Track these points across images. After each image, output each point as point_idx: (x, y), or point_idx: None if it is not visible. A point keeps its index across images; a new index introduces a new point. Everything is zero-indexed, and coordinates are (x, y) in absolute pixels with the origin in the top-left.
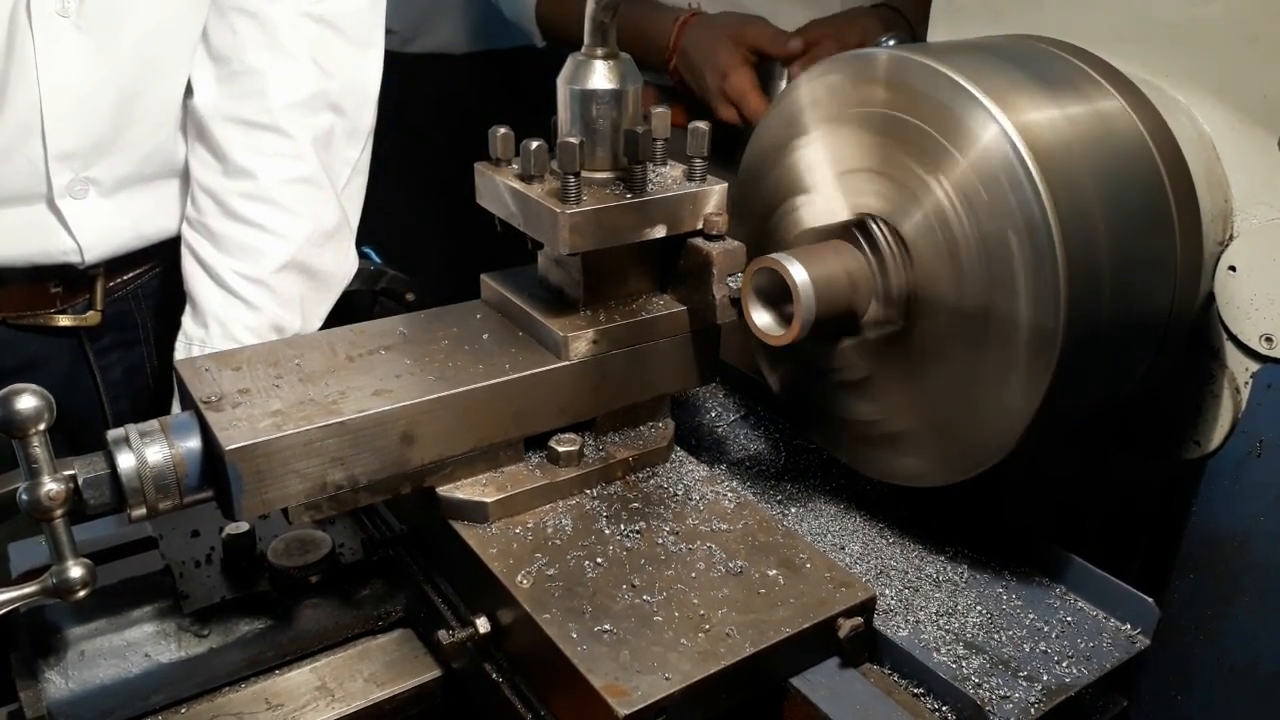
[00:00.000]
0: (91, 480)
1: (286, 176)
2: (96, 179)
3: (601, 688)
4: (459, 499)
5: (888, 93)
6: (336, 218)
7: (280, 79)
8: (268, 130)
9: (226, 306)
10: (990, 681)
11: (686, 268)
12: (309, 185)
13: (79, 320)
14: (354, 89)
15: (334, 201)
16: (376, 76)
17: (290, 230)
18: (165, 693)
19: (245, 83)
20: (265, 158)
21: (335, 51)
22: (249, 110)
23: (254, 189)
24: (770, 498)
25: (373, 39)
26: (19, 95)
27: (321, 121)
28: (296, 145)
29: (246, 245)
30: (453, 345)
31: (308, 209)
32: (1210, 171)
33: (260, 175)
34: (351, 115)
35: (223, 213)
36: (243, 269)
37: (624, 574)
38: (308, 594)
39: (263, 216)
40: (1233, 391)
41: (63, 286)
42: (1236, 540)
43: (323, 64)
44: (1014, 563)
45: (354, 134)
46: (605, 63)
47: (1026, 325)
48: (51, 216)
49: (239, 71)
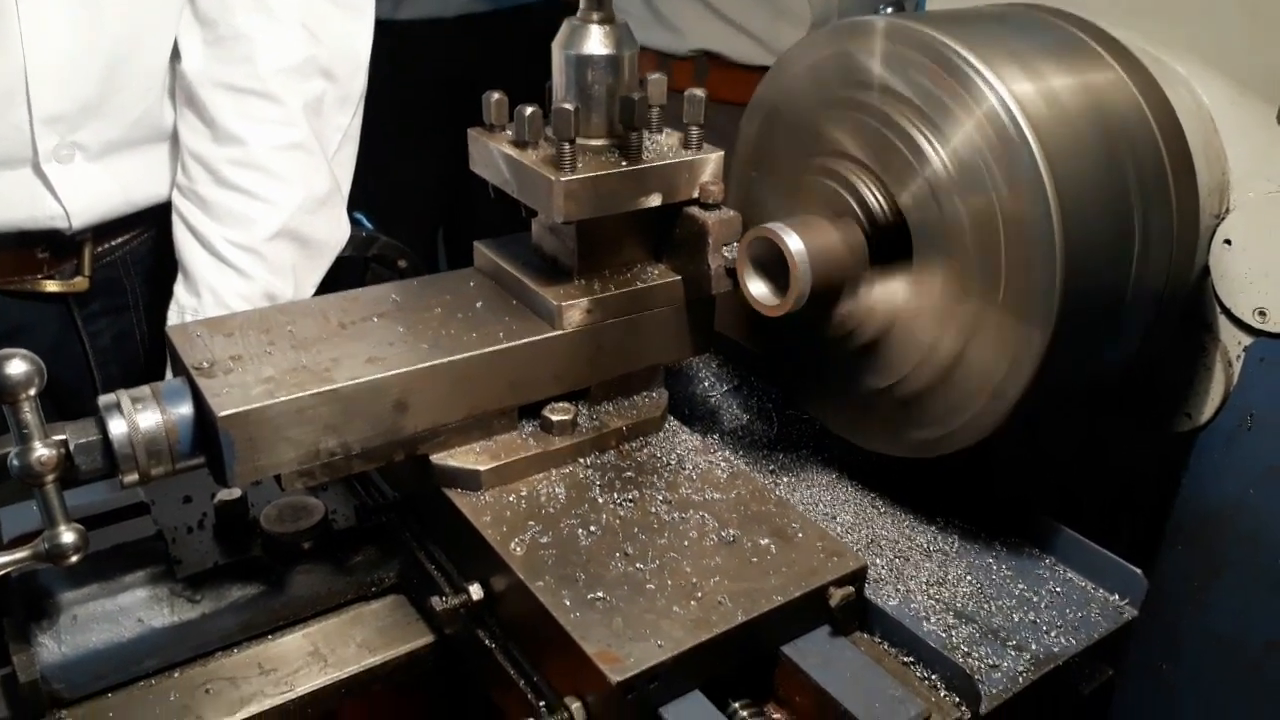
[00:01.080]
0: (83, 446)
1: (277, 143)
2: (83, 143)
3: (594, 654)
4: (452, 466)
5: (885, 61)
6: (328, 184)
7: (269, 44)
8: (257, 96)
9: (219, 274)
10: (979, 650)
11: (682, 237)
12: (300, 151)
13: (67, 286)
14: (345, 54)
15: (325, 168)
16: (367, 42)
17: (282, 197)
18: (158, 657)
19: (234, 48)
20: (255, 123)
21: (325, 16)
22: (238, 76)
23: (244, 155)
24: (763, 468)
25: (363, 3)
26: (3, 59)
27: (312, 87)
28: (287, 111)
29: (238, 213)
30: (446, 313)
31: (299, 176)
32: (1208, 144)
33: (250, 141)
34: (342, 81)
35: (213, 180)
36: (234, 237)
37: (617, 542)
38: (300, 560)
39: (254, 183)
40: (1225, 365)
41: (50, 252)
42: (1226, 512)
43: (312, 29)
44: (1004, 534)
45: (345, 100)
46: (601, 28)
47: (1022, 295)
48: (38, 181)
49: (227, 36)
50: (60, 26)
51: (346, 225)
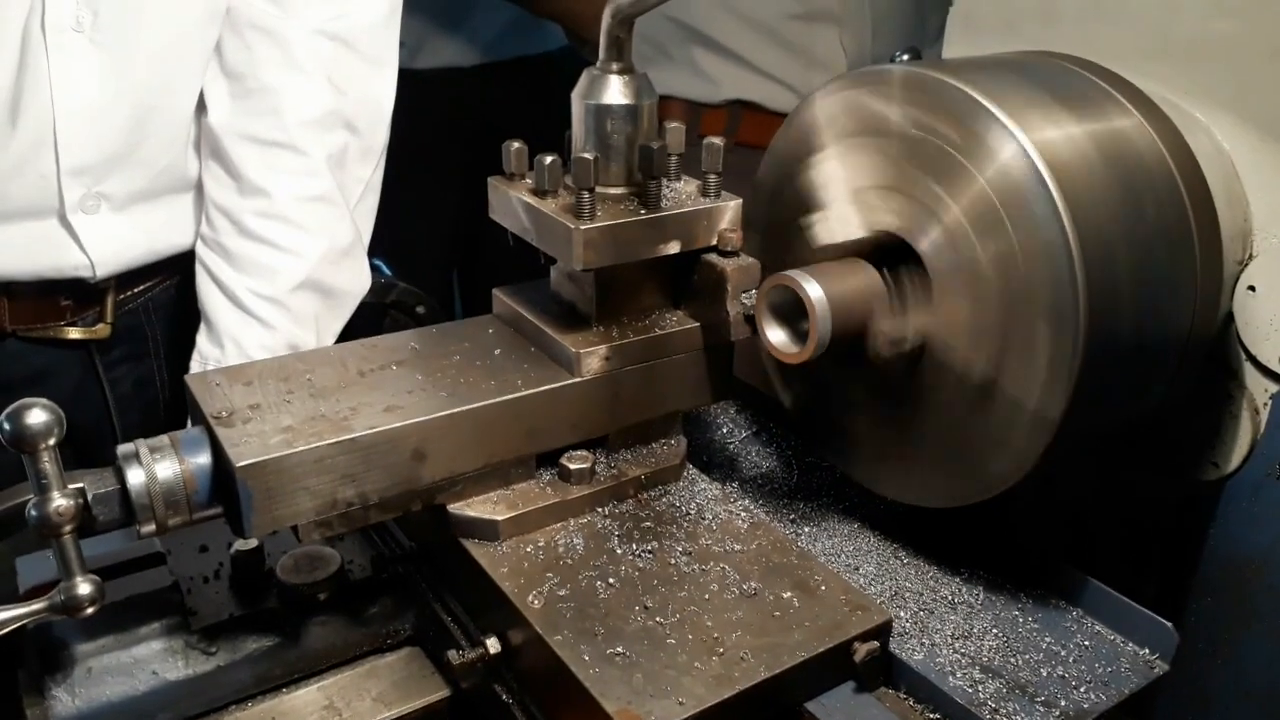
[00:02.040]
0: (101, 496)
1: (301, 194)
2: (109, 194)
3: (614, 712)
4: (470, 517)
5: (904, 109)
6: (350, 235)
7: (295, 97)
8: (282, 148)
9: (242, 325)
10: (1007, 706)
11: (700, 284)
12: (324, 203)
13: (89, 333)
14: (368, 106)
15: (348, 219)
16: (390, 94)
17: (306, 248)
18: (172, 711)
19: (260, 100)
20: (280, 175)
21: (350, 69)
22: (263, 128)
23: (269, 207)
24: (783, 517)
25: (387, 56)
26: (32, 110)
27: (336, 139)
28: (311, 163)
29: (262, 264)
30: (464, 361)
31: (322, 227)
32: (1229, 189)
33: (275, 193)
34: (365, 133)
35: (238, 231)
36: (258, 288)
37: (636, 595)
38: (316, 611)
39: (278, 235)
40: (1251, 413)
41: (73, 300)
42: (1255, 563)
43: (337, 82)
44: (1030, 585)
45: (368, 152)
46: (620, 78)
47: (1045, 344)
48: (63, 231)
49: (254, 89)
50: (91, 79)
51: (368, 275)
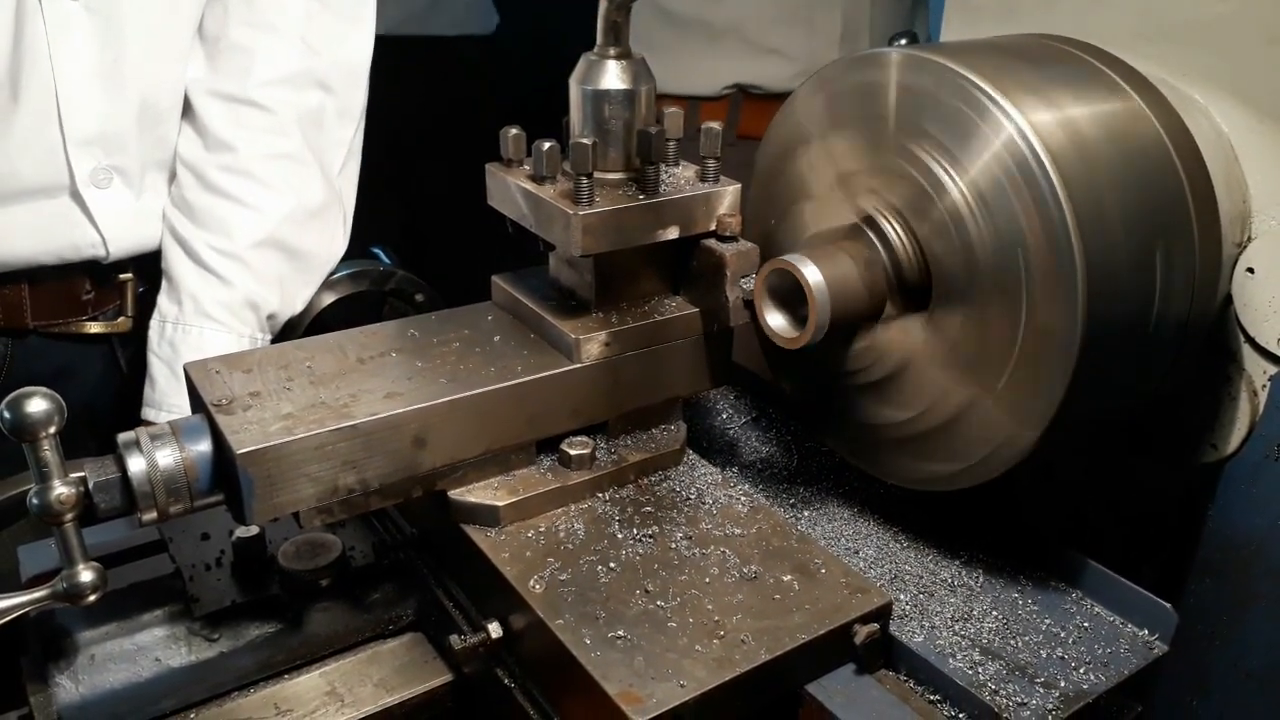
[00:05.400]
0: (102, 484)
1: (267, 152)
2: (121, 167)
3: (616, 695)
4: (470, 502)
5: (902, 93)
6: (322, 197)
7: (265, 55)
8: (250, 105)
9: (200, 282)
10: (1007, 688)
11: (699, 269)
12: (291, 161)
13: (110, 327)
14: (342, 66)
15: (319, 179)
16: (366, 54)
17: (268, 205)
18: (175, 697)
19: (231, 59)
20: (246, 131)
21: (325, 28)
22: (232, 85)
23: (232, 162)
24: (783, 501)
25: (362, 15)
26: (33, 81)
27: (309, 99)
28: (279, 121)
29: (222, 218)
30: (464, 347)
31: (288, 185)
32: (1228, 172)
33: (240, 148)
34: (341, 94)
35: (201, 186)
36: (217, 243)
37: (637, 579)
38: (318, 597)
39: (241, 190)
40: (1250, 395)
41: (94, 291)
42: (1253, 544)
43: (310, 41)
44: (1030, 567)
45: (345, 113)
46: (618, 63)
47: (1044, 327)
48: (75, 208)
49: (225, 48)
50: (88, 45)
51: (342, 241)
